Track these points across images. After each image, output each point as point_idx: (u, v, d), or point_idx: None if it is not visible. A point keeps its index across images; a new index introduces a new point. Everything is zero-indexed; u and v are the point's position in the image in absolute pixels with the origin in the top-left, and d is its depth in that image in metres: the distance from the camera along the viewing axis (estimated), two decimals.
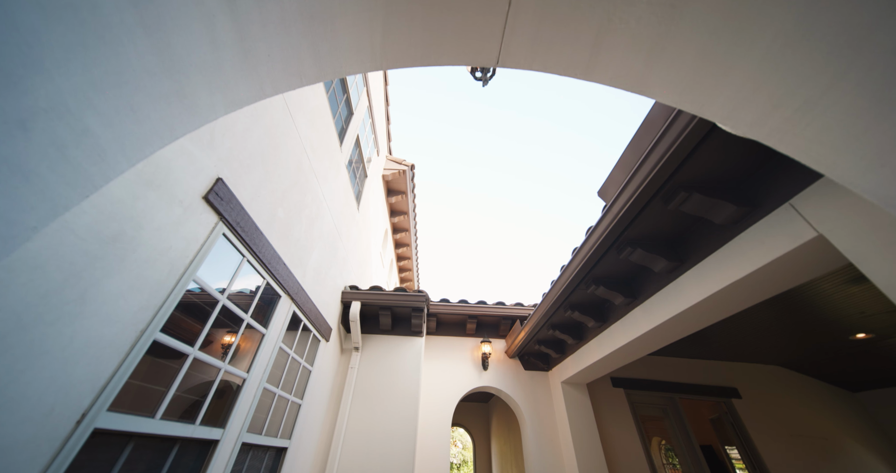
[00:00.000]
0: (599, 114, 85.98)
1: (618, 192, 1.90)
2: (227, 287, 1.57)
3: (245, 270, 1.73)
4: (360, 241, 4.04)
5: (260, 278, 1.86)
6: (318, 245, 2.65)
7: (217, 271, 1.52)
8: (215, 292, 1.47)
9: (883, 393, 4.08)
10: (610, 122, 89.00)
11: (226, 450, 1.57)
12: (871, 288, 2.65)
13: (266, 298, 1.96)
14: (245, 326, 1.72)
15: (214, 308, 1.49)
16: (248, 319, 1.74)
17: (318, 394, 2.79)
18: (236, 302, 1.65)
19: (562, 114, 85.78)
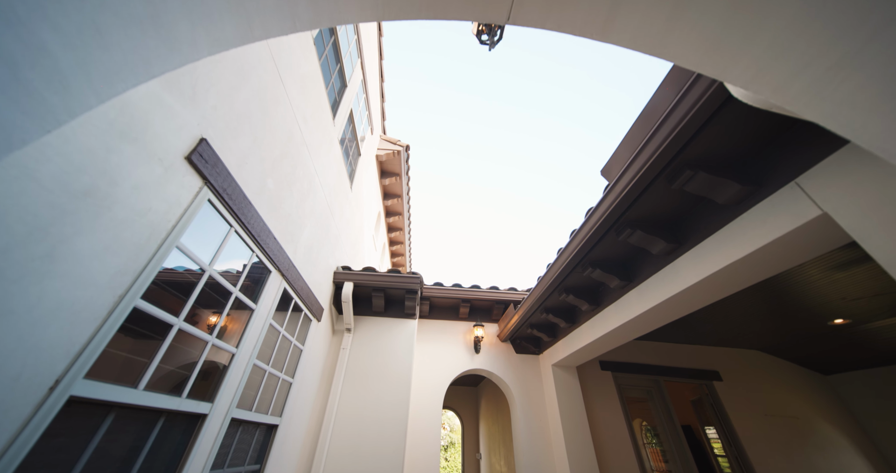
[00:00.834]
0: (595, 104, 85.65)
1: (622, 170, 1.86)
2: (214, 257, 1.49)
3: (233, 242, 1.64)
4: (352, 222, 3.95)
5: (248, 251, 1.77)
6: (309, 222, 2.55)
7: (202, 240, 1.43)
8: (200, 260, 1.39)
9: (851, 375, 4.30)
10: (606, 113, 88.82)
11: (214, 425, 1.52)
12: (856, 275, 2.73)
13: (255, 274, 1.88)
14: (233, 300, 1.65)
15: (200, 279, 1.41)
16: (237, 293, 1.67)
17: (309, 374, 2.76)
18: (224, 275, 1.57)
19: (557, 105, 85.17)
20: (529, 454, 3.71)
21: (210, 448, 1.49)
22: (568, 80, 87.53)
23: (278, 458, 2.22)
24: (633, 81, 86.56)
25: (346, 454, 2.80)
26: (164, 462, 1.28)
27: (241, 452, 1.83)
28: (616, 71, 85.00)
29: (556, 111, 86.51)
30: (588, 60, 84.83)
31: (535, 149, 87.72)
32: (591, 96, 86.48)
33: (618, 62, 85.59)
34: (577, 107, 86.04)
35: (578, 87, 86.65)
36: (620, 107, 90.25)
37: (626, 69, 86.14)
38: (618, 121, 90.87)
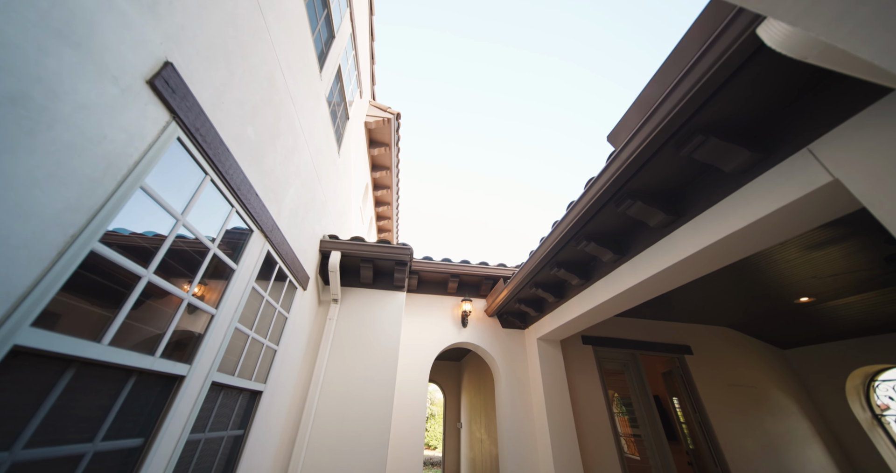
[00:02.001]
0: (587, 93, 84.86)
1: (631, 134, 1.78)
2: (187, 207, 1.32)
3: (209, 194, 1.47)
4: (339, 189, 3.74)
5: (227, 205, 1.60)
6: (294, 182, 2.36)
7: (173, 186, 1.26)
8: (171, 207, 1.22)
9: (806, 349, 4.68)
10: (597, 101, 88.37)
11: (194, 387, 1.42)
12: (831, 253, 2.86)
13: (236, 232, 1.72)
14: (211, 257, 1.50)
15: (171, 230, 1.25)
16: (214, 249, 1.51)
17: (294, 342, 2.67)
18: (200, 227, 1.41)
19: (550, 95, 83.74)
20: (512, 422, 3.86)
21: (189, 411, 1.39)
22: (558, 71, 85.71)
23: (263, 424, 2.16)
24: (627, 73, 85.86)
25: (332, 421, 2.79)
26: (137, 424, 1.17)
27: (223, 417, 1.74)
28: (609, 61, 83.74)
29: (547, 99, 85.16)
30: (580, 51, 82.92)
31: (524, 135, 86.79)
32: (582, 86, 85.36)
33: (611, 53, 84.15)
34: (568, 96, 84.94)
35: (569, 77, 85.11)
36: (612, 97, 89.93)
37: (620, 60, 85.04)
38: (609, 109, 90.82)
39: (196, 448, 1.51)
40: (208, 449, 1.62)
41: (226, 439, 1.78)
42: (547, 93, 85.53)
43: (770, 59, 1.27)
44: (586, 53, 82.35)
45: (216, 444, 1.70)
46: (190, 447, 1.47)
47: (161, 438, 1.23)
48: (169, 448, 1.28)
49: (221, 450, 1.74)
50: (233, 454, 1.87)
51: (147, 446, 1.19)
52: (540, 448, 3.69)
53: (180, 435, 1.34)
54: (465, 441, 7.58)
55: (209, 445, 1.63)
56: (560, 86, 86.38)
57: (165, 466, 1.26)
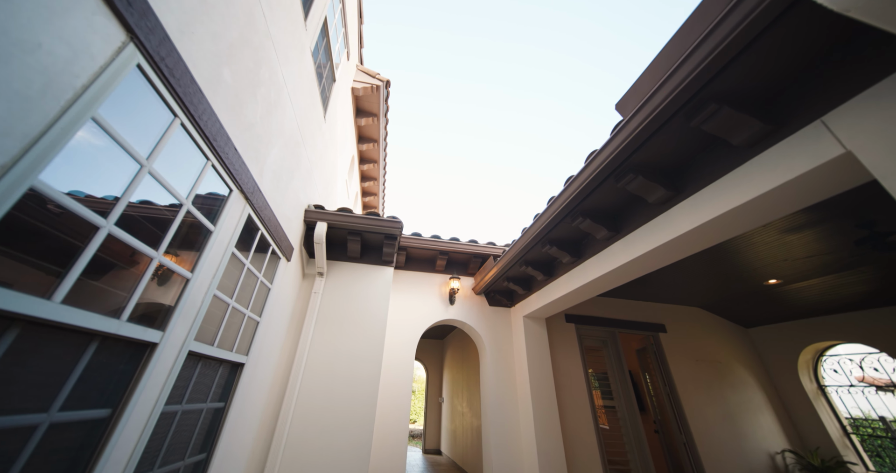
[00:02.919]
0: (573, 81, 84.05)
1: (642, 102, 1.70)
2: (153, 152, 1.14)
3: (180, 141, 1.28)
4: (325, 157, 3.51)
5: (201, 157, 1.41)
6: (277, 142, 2.15)
7: (134, 124, 1.07)
8: (132, 148, 1.04)
9: (766, 328, 5.05)
10: (586, 89, 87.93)
11: (168, 356, 1.29)
12: (807, 236, 2.99)
13: (212, 190, 1.54)
14: (184, 215, 1.33)
15: (135, 177, 1.07)
16: (188, 205, 1.34)
17: (277, 314, 2.55)
18: (171, 181, 1.23)
19: (536, 83, 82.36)
20: (496, 395, 3.97)
21: (163, 381, 1.27)
22: (543, 60, 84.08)
23: (245, 397, 2.06)
24: (613, 59, 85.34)
25: (317, 396, 2.73)
26: (103, 394, 1.04)
27: (202, 388, 1.63)
28: (599, 52, 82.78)
29: (533, 88, 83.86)
30: (565, 41, 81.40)
31: (510, 123, 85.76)
32: (567, 74, 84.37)
33: (600, 44, 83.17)
34: (553, 84, 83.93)
35: (553, 66, 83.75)
36: (600, 83, 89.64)
37: (610, 50, 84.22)
38: (596, 96, 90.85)
39: (172, 420, 1.40)
40: (186, 421, 1.52)
41: (205, 411, 1.68)
42: (532, 81, 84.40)
43: (798, 19, 1.21)
44: (571, 43, 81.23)
45: (195, 416, 1.59)
46: (166, 418, 1.36)
47: (132, 409, 1.11)
48: (141, 419, 1.16)
49: (201, 422, 1.64)
50: (213, 426, 1.78)
51: (115, 417, 1.07)
52: (522, 420, 3.83)
53: (154, 406, 1.22)
54: (447, 414, 7.85)
55: (187, 417, 1.52)
56: (544, 75, 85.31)
57: (138, 438, 1.15)
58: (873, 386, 4.21)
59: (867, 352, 4.12)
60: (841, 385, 4.39)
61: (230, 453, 1.95)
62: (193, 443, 1.59)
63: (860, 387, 4.26)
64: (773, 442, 4.29)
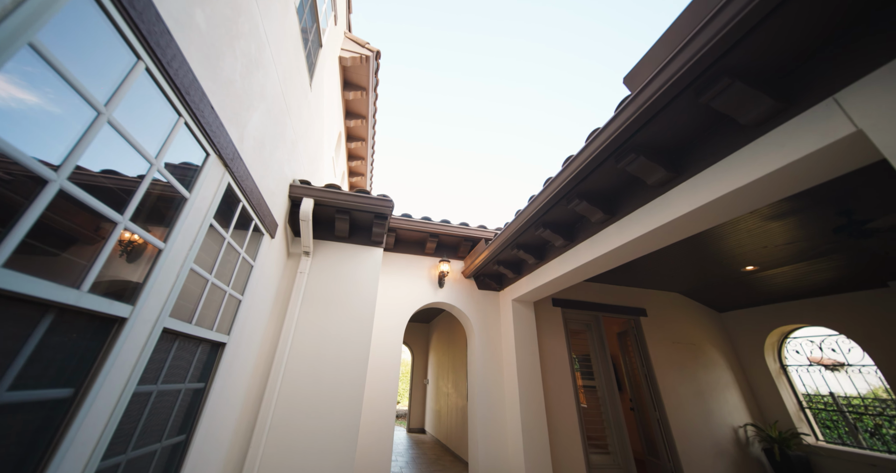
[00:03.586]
0: (561, 71, 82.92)
1: (653, 74, 1.63)
2: (112, 98, 0.98)
3: (145, 89, 1.11)
4: (311, 130, 3.29)
5: (172, 112, 1.25)
6: (259, 106, 1.96)
7: (87, 65, 0.90)
8: (83, 88, 0.89)
9: (737, 312, 5.33)
10: (580, 81, 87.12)
11: (139, 333, 1.17)
12: (788, 223, 3.09)
13: (186, 153, 1.37)
14: (154, 176, 1.18)
15: (92, 125, 0.92)
16: (159, 166, 1.19)
17: (261, 294, 2.42)
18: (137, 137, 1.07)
19: (525, 74, 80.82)
20: (483, 376, 4.02)
21: (135, 359, 1.16)
22: (536, 54, 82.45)
23: (227, 377, 1.96)
24: (600, 50, 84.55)
25: (304, 378, 2.66)
26: (62, 371, 0.93)
27: (180, 368, 1.52)
28: (587, 43, 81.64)
29: (522, 78, 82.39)
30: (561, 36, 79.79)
31: (499, 113, 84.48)
32: (555, 64, 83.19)
33: (588, 35, 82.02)
34: (542, 75, 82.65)
35: (548, 59, 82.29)
36: (594, 76, 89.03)
37: (599, 41, 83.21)
38: (588, 87, 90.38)
39: (147, 401, 1.30)
40: (163, 402, 1.42)
41: (184, 392, 1.57)
42: (519, 73, 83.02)
43: None
44: (557, 35, 79.84)
45: (172, 397, 1.49)
46: (139, 399, 1.25)
47: (98, 389, 1.00)
48: (110, 400, 1.05)
49: (179, 403, 1.54)
50: (193, 407, 1.68)
51: (79, 397, 0.96)
52: (507, 400, 3.92)
53: (125, 386, 1.11)
54: (431, 395, 8.01)
55: (164, 398, 1.42)
56: (531, 67, 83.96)
57: (107, 420, 1.04)
58: (822, 366, 4.56)
59: (827, 335, 4.43)
60: (801, 364, 4.72)
61: (212, 434, 1.87)
62: (171, 425, 1.50)
63: (816, 367, 4.60)
64: (738, 417, 4.62)
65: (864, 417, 4.18)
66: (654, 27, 78.89)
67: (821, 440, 4.28)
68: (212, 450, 1.91)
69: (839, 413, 4.31)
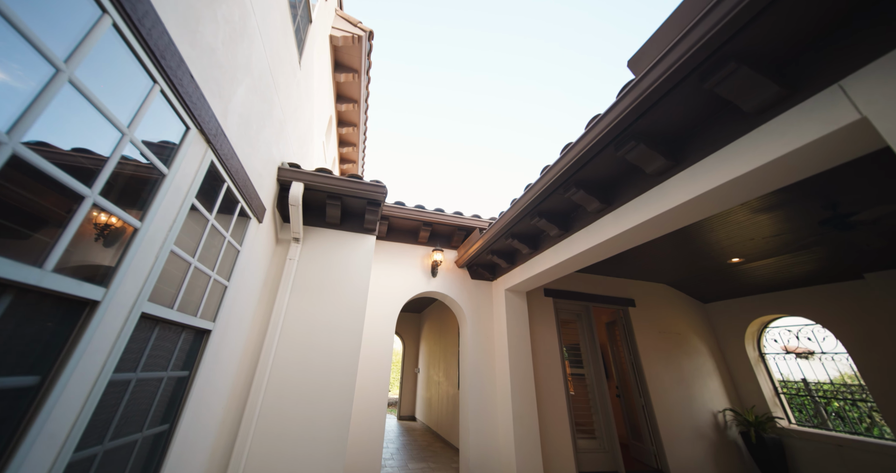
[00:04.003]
0: (568, 68, 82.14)
1: (659, 56, 1.58)
2: (73, 54, 0.87)
3: (114, 49, 1.00)
4: (300, 111, 3.14)
5: (146, 77, 1.13)
6: (244, 80, 1.84)
7: (39, 12, 0.79)
8: (44, 47, 0.78)
9: (721, 303, 5.49)
10: (577, 75, 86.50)
11: (115, 318, 1.09)
12: (776, 215, 3.15)
13: (163, 125, 1.26)
14: (126, 149, 1.07)
15: (49, 83, 0.81)
16: (132, 136, 1.08)
17: (248, 280, 2.33)
18: (107, 104, 0.96)
19: (517, 68, 79.62)
20: (475, 365, 4.05)
21: (111, 345, 1.08)
22: (532, 49, 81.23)
23: (213, 365, 1.89)
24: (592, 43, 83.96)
25: (294, 366, 2.60)
26: (25, 358, 0.85)
27: (161, 355, 1.45)
28: (583, 37, 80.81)
29: (515, 72, 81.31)
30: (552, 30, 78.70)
31: (491, 106, 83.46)
32: (546, 58, 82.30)
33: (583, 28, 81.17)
34: (534, 69, 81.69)
35: (542, 54, 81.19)
36: (588, 70, 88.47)
37: (599, 37, 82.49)
38: (583, 81, 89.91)
39: (126, 390, 1.22)
40: (143, 391, 1.34)
41: (166, 380, 1.50)
42: (513, 67, 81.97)
43: None
44: (552, 30, 78.85)
45: (154, 385, 1.42)
46: (117, 388, 1.17)
47: (69, 376, 0.93)
48: (83, 388, 0.98)
49: (161, 392, 1.47)
50: (177, 396, 1.61)
51: (46, 385, 0.88)
52: (499, 387, 3.97)
53: (99, 374, 1.03)
54: (422, 384, 8.09)
55: (145, 386, 1.35)
56: (527, 62, 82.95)
57: (80, 408, 0.97)
58: (794, 354, 4.77)
59: (804, 324, 4.61)
60: (778, 352, 4.92)
61: (197, 423, 1.81)
62: (154, 414, 1.43)
63: (792, 355, 4.81)
64: (718, 403, 4.81)
65: (832, 401, 4.41)
66: (650, 21, 78.72)
67: (793, 423, 4.51)
68: (198, 439, 1.85)
69: (810, 397, 4.53)
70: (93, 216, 1.04)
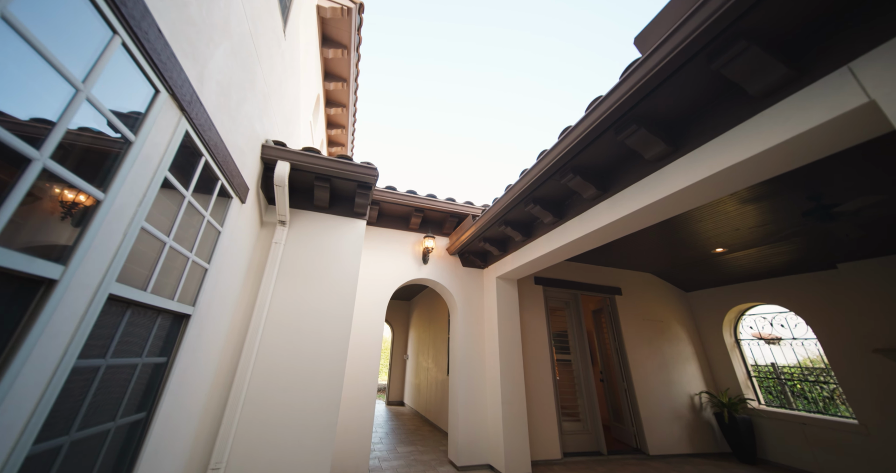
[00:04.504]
0: (556, 59, 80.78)
1: (668, 34, 1.51)
2: None
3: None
4: (286, 85, 2.94)
5: (104, 26, 0.99)
6: (223, 43, 1.67)
7: None
8: None
9: (702, 291, 5.67)
10: (572, 68, 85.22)
11: (77, 299, 0.98)
12: (763, 206, 3.21)
13: (127, 86, 1.12)
14: (81, 108, 0.94)
15: None
16: (88, 94, 0.95)
17: (231, 263, 2.21)
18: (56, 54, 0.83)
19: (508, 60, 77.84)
20: (465, 351, 4.07)
21: (73, 329, 0.98)
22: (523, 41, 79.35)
23: (193, 351, 1.80)
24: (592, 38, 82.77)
25: (281, 353, 2.53)
26: None
27: (134, 342, 1.34)
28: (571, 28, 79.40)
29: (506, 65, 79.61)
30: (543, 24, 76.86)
31: (483, 98, 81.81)
32: (547, 52, 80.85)
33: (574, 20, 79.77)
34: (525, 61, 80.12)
35: (535, 46, 79.50)
36: (579, 61, 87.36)
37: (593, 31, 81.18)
38: (574, 72, 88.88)
39: (94, 377, 1.13)
40: (115, 378, 1.25)
41: (141, 366, 1.40)
42: (504, 59, 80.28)
43: None
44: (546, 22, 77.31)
45: (127, 372, 1.32)
46: (83, 374, 1.08)
47: (23, 363, 0.83)
48: (41, 375, 0.88)
49: (136, 379, 1.37)
50: (154, 383, 1.52)
51: None
52: (488, 373, 4.01)
53: (61, 360, 0.94)
54: (411, 370, 8.16)
55: (116, 373, 1.25)
56: (518, 54, 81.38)
57: (39, 397, 0.88)
58: (763, 340, 5.02)
59: (779, 312, 4.83)
60: (752, 338, 5.16)
61: (178, 410, 1.73)
62: (128, 402, 1.34)
63: (761, 340, 5.05)
64: (695, 386, 5.03)
65: (797, 383, 4.69)
66: (643, 14, 77.75)
67: (762, 404, 4.78)
68: (179, 426, 1.77)
69: (777, 380, 4.80)
70: (47, 186, 0.92)
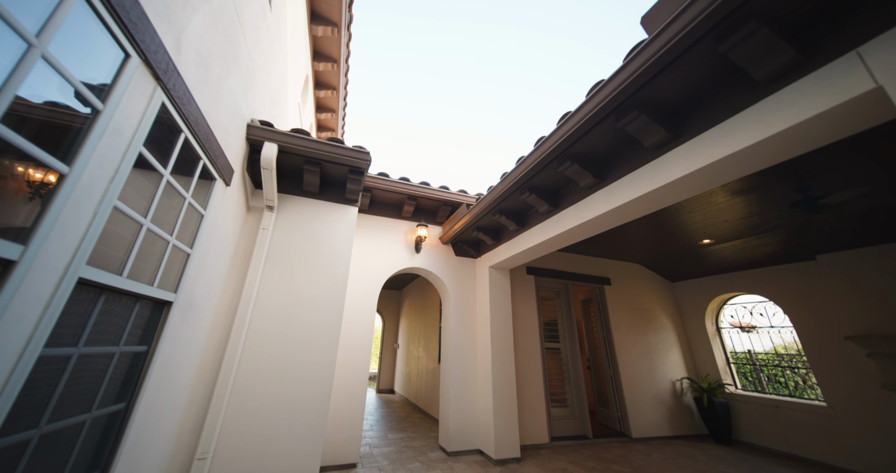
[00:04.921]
0: (550, 54, 79.61)
1: (676, 12, 1.46)
2: None
3: None
4: (272, 62, 2.77)
5: None
6: (202, 7, 1.53)
7: None
8: None
9: (687, 282, 5.83)
10: (566, 63, 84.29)
11: (41, 282, 0.89)
12: (752, 198, 3.26)
13: (90, 46, 1.00)
14: (35, 65, 0.83)
15: None
16: (43, 50, 0.84)
17: (215, 249, 2.10)
18: None
19: (500, 54, 76.34)
20: (457, 340, 4.08)
21: (38, 315, 0.89)
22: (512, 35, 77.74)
23: (176, 340, 1.72)
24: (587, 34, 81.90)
25: (270, 341, 2.46)
26: None
27: (110, 331, 1.26)
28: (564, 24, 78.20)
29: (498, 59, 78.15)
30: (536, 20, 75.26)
31: (475, 92, 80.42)
32: (538, 46, 79.57)
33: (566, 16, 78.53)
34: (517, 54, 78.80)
35: (524, 40, 78.03)
36: (569, 54, 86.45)
37: (585, 23, 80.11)
38: (564, 65, 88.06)
39: (65, 367, 1.05)
40: (90, 368, 1.17)
41: (119, 355, 1.32)
42: (495, 54, 78.85)
43: None
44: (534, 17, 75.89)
45: (103, 361, 1.24)
46: (51, 364, 1.00)
47: None
48: (2, 364, 0.80)
49: (113, 368, 1.30)
50: (133, 372, 1.44)
51: None
52: (479, 361, 4.04)
53: (24, 349, 0.85)
54: (402, 359, 8.20)
55: (90, 362, 1.17)
56: (508, 48, 79.93)
57: (1, 387, 0.80)
58: (740, 328, 5.22)
59: (759, 301, 5.01)
60: (733, 327, 5.36)
61: (161, 399, 1.66)
62: (105, 392, 1.26)
63: (738, 328, 5.25)
64: (677, 372, 5.22)
65: (771, 369, 4.92)
66: (636, 9, 77.24)
67: (739, 389, 5.00)
68: (162, 416, 1.71)
69: (753, 366, 5.02)
70: (14, 170, 0.81)
